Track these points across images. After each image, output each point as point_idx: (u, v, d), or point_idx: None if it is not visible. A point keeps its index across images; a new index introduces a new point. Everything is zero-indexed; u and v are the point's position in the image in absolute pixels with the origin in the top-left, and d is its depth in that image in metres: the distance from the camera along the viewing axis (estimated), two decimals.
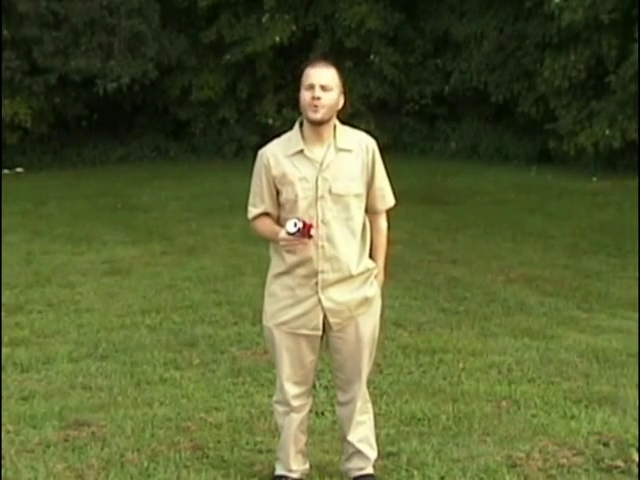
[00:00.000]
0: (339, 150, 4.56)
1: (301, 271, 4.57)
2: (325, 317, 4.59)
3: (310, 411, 4.94)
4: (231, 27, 23.33)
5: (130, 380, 6.74)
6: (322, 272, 4.55)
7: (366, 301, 4.64)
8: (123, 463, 5.22)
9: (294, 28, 22.71)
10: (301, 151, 4.54)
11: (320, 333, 4.63)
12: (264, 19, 22.71)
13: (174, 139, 25.13)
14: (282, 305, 4.63)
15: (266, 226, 4.66)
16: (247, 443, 5.51)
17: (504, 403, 6.08)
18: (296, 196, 4.52)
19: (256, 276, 10.28)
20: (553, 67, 18.55)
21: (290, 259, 4.57)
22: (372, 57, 22.55)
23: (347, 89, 4.66)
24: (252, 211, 4.71)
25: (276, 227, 4.58)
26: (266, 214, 4.65)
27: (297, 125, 4.61)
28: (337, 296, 4.57)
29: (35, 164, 23.44)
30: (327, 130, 4.54)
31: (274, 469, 4.94)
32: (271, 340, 4.71)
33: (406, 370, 6.86)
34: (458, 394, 6.26)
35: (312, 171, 4.52)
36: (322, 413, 5.96)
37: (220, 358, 7.25)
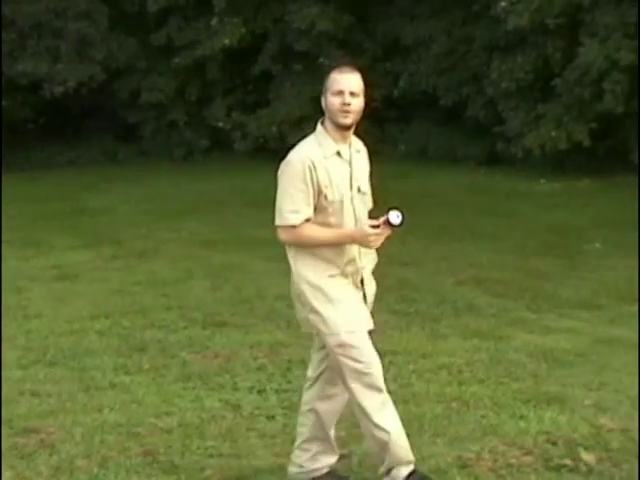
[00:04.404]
0: (356, 151, 4.80)
1: (350, 269, 4.73)
2: None
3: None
4: (180, 30, 23.24)
5: (79, 386, 6.70)
6: (363, 268, 4.78)
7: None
8: (73, 470, 5.18)
9: (243, 31, 22.63)
10: (337, 153, 4.68)
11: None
12: (213, 22, 22.63)
13: (123, 142, 24.96)
14: (343, 303, 4.68)
15: (321, 230, 4.67)
16: (198, 448, 5.49)
17: (454, 404, 6.12)
18: (342, 196, 4.67)
19: (206, 279, 10.29)
20: (500, 70, 18.69)
21: (341, 260, 4.68)
22: (322, 60, 22.54)
23: (368, 91, 4.79)
24: (296, 218, 4.62)
25: (335, 229, 4.67)
26: (307, 219, 4.65)
27: (320, 128, 4.73)
28: (369, 289, 4.87)
29: None
30: (351, 132, 4.75)
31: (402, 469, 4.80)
32: (348, 349, 4.66)
33: None
34: (409, 396, 6.29)
35: (347, 171, 4.72)
36: (273, 417, 5.97)
37: (170, 362, 7.23)
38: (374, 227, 4.62)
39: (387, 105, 23.14)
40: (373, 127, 23.46)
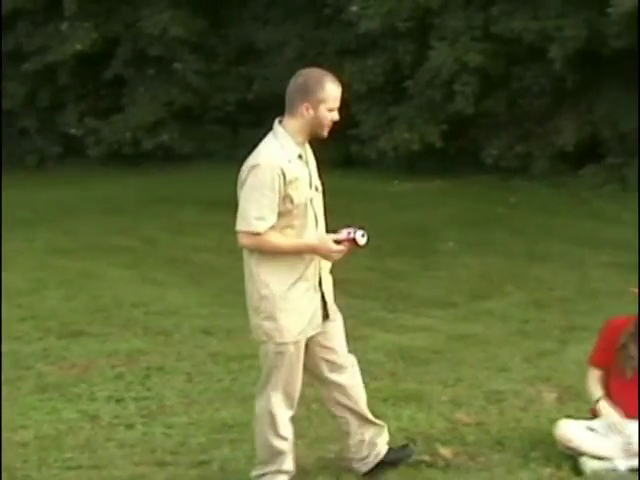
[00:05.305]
0: (307, 149, 4.76)
1: (310, 272, 4.69)
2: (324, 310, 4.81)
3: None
4: (29, 35, 22.76)
5: None
6: (322, 268, 4.75)
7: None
8: None
9: (95, 36, 22.31)
10: (299, 156, 4.64)
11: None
12: (64, 27, 22.23)
13: None
14: (302, 312, 4.67)
15: (284, 239, 4.62)
16: (55, 460, 5.40)
17: (314, 406, 6.14)
18: (306, 199, 4.62)
19: (61, 289, 10.10)
20: (351, 72, 18.88)
21: (303, 265, 4.65)
22: (175, 65, 22.42)
23: None
24: (262, 225, 4.57)
25: (297, 240, 4.63)
26: (271, 227, 4.58)
27: (281, 129, 4.65)
28: (327, 288, 4.88)
29: None
30: None
31: None
32: (288, 358, 4.67)
33: (216, 378, 6.87)
34: None
35: (306, 172, 4.67)
36: (132, 425, 5.91)
37: (25, 374, 7.08)
38: (338, 242, 4.61)
39: (241, 109, 23.14)
40: (227, 131, 23.48)
